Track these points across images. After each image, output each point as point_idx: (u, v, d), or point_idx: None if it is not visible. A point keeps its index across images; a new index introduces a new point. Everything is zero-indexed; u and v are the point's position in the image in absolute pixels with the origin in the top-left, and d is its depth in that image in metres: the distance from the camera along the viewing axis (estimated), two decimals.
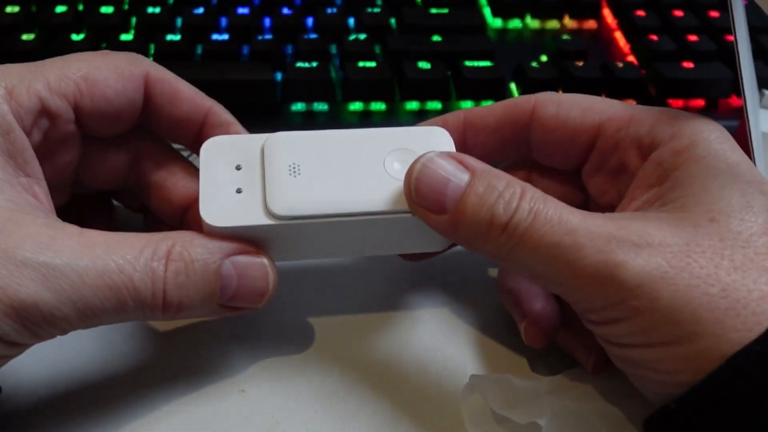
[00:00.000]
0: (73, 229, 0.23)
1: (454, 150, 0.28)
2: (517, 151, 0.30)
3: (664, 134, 0.26)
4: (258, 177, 0.27)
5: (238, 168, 0.27)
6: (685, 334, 0.21)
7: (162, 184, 0.30)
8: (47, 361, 0.29)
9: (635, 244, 0.22)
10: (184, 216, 0.30)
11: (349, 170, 0.27)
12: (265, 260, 0.26)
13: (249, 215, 0.26)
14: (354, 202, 0.26)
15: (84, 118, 0.27)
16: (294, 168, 0.27)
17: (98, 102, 0.27)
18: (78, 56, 0.27)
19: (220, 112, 0.29)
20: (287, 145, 0.27)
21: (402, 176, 0.26)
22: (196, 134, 0.29)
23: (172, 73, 0.29)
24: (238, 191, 0.26)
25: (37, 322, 0.22)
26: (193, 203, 0.29)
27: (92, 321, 0.23)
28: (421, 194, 0.25)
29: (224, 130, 0.29)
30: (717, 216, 0.23)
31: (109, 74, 0.27)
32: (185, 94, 0.29)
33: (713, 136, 0.25)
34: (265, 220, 0.26)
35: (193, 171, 0.30)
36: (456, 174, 0.24)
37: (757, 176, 0.25)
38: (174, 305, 0.24)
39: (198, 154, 0.29)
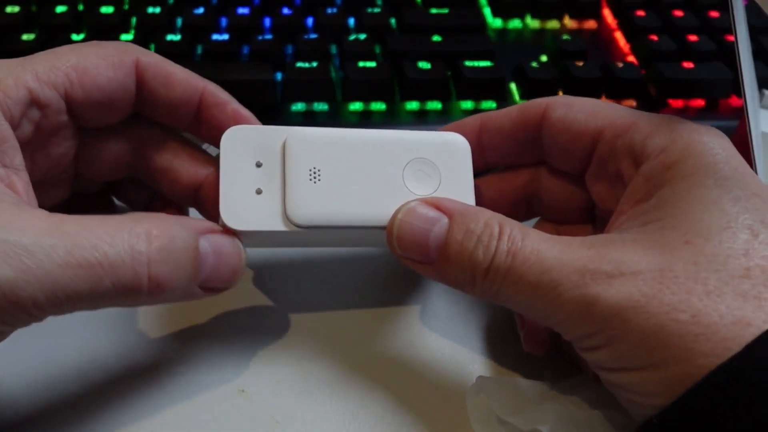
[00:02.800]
0: (42, 212, 0.23)
1: (470, 158, 0.29)
2: (531, 154, 0.31)
3: (657, 145, 0.26)
4: (278, 178, 0.27)
5: (258, 165, 0.27)
6: (657, 360, 0.22)
7: (169, 167, 0.30)
8: (42, 360, 0.29)
9: (608, 274, 0.23)
10: (198, 195, 0.30)
11: (368, 181, 0.27)
12: (235, 238, 0.26)
13: (268, 221, 0.27)
14: (371, 216, 0.27)
15: (77, 107, 0.27)
16: (314, 173, 0.27)
17: (90, 90, 0.27)
18: (67, 48, 0.27)
19: (215, 91, 0.29)
20: (308, 146, 0.27)
21: (419, 191, 0.28)
22: (194, 116, 0.29)
23: (164, 58, 0.29)
24: (258, 192, 0.27)
25: (1, 305, 0.21)
26: (203, 182, 0.30)
27: (64, 304, 0.22)
28: (405, 249, 0.26)
29: (221, 110, 0.29)
30: (693, 239, 0.23)
31: (98, 62, 0.27)
32: (178, 77, 0.29)
33: (707, 147, 0.25)
34: (284, 227, 0.27)
35: (198, 150, 0.31)
36: (434, 223, 0.25)
37: (750, 189, 0.24)
38: (159, 283, 0.23)
39: (199, 137, 0.29)
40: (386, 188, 0.27)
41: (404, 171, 0.28)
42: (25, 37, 0.39)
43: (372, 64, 0.40)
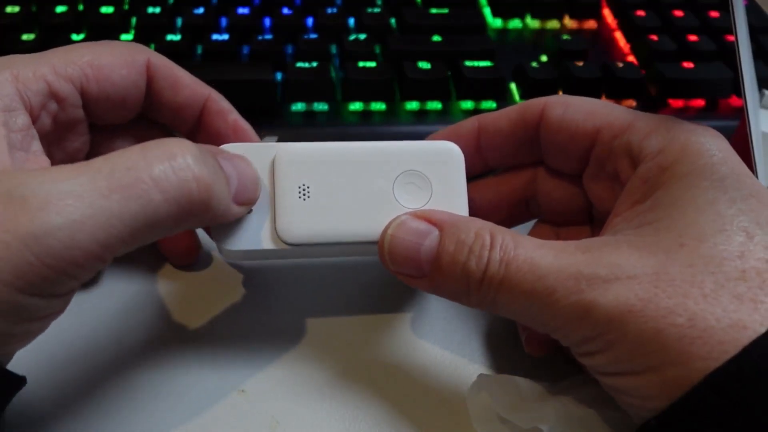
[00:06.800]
0: (64, 165, 0.22)
1: (463, 167, 0.29)
2: (530, 154, 0.31)
3: (654, 146, 0.26)
4: (268, 195, 0.27)
5: None
6: (654, 364, 0.22)
7: None
8: (42, 359, 0.29)
9: (604, 279, 0.23)
10: None
11: (358, 196, 0.27)
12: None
13: (260, 240, 0.27)
14: (362, 232, 0.27)
15: (91, 103, 0.27)
16: (303, 190, 0.27)
17: (105, 87, 0.27)
18: (80, 45, 0.28)
19: (218, 99, 0.30)
20: (297, 163, 0.27)
21: (410, 204, 0.28)
22: (195, 121, 0.30)
23: (172, 61, 0.29)
24: (249, 211, 0.27)
25: (58, 254, 0.20)
26: None
27: (125, 236, 0.21)
28: (397, 264, 0.26)
29: (222, 117, 0.30)
30: (688, 241, 0.23)
31: (113, 60, 0.27)
32: (185, 81, 0.29)
33: (704, 148, 0.25)
34: (274, 246, 0.27)
35: None
36: (425, 236, 0.25)
37: (746, 190, 0.24)
38: (206, 184, 0.23)
39: (196, 142, 0.29)
40: (376, 203, 0.27)
41: (394, 184, 0.28)
42: (25, 37, 0.39)
43: (372, 64, 0.40)
